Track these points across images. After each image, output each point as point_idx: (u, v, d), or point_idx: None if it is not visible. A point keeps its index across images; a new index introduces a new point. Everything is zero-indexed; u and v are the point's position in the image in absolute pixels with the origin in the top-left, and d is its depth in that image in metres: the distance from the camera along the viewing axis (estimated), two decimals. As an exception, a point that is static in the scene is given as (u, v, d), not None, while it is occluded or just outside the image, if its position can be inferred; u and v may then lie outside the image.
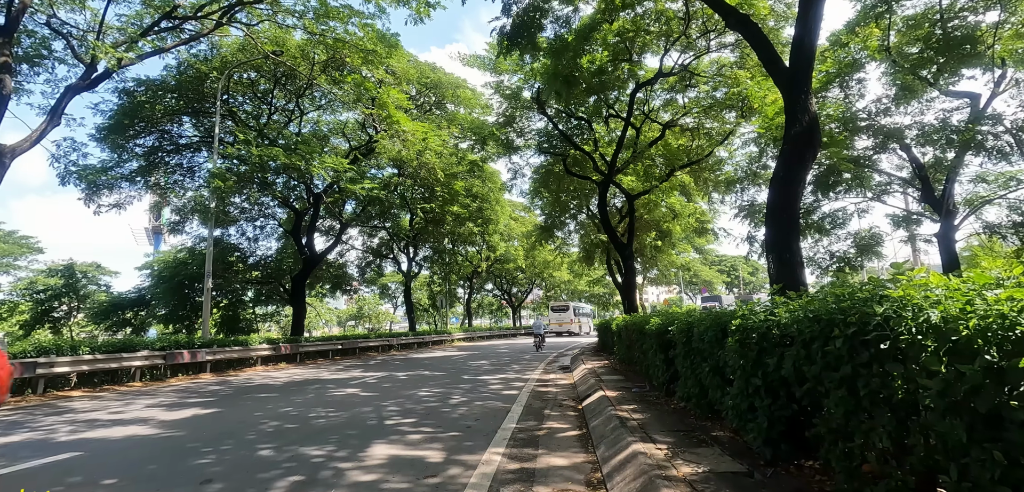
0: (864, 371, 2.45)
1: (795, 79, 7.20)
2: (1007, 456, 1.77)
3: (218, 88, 18.29)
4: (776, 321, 3.42)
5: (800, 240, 7.89)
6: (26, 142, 12.77)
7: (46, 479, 4.46)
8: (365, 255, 35.68)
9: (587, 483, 4.02)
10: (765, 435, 3.56)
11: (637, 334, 9.17)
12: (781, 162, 7.32)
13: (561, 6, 13.13)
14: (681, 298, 54.16)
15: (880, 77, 16.40)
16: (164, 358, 13.85)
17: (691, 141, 18.80)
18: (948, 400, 1.98)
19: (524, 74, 17.86)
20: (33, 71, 15.94)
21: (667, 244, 27.94)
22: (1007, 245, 17.52)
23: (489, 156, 23.82)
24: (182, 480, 4.31)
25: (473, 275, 42.34)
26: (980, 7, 13.31)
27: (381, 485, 4.05)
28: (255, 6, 15.78)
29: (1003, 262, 2.83)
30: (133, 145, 20.57)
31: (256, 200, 23.74)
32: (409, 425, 6.41)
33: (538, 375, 12.12)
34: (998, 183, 16.59)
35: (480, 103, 25.07)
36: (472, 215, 28.18)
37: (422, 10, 14.74)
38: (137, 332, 25.57)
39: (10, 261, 32.60)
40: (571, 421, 6.44)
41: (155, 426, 6.85)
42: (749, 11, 11.62)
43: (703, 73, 16.59)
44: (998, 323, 1.88)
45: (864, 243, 18.98)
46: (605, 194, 18.53)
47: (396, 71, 20.62)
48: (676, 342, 6.00)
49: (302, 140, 20.11)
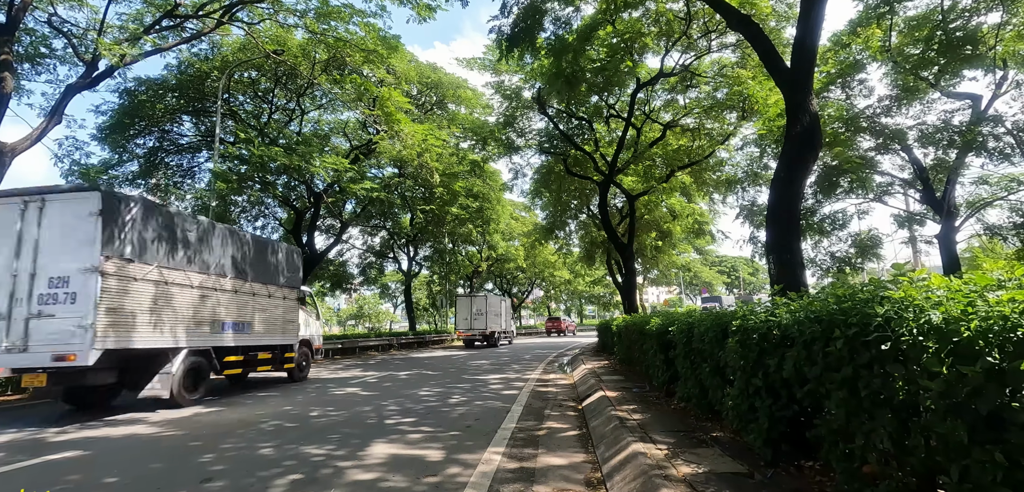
0: (865, 372, 2.44)
1: (796, 79, 7.19)
2: (1008, 458, 1.77)
3: (219, 87, 18.30)
4: (777, 322, 3.42)
5: (801, 241, 7.89)
6: (27, 141, 12.77)
7: (46, 478, 4.46)
8: (365, 254, 35.70)
9: (587, 483, 4.02)
10: (766, 436, 3.55)
11: (637, 334, 9.16)
12: (782, 163, 7.32)
13: (561, 7, 13.12)
14: (681, 299, 54.15)
15: (882, 78, 16.40)
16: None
17: (692, 141, 18.78)
18: (949, 401, 1.97)
19: (525, 74, 17.85)
20: (34, 70, 15.95)
21: (667, 244, 27.92)
22: (1008, 246, 17.50)
23: (490, 156, 23.81)
24: (183, 479, 4.32)
25: (473, 275, 42.28)
26: (982, 8, 13.30)
27: (381, 484, 4.05)
28: (256, 5, 15.77)
29: (1004, 264, 2.83)
30: (134, 145, 20.60)
31: (257, 200, 23.74)
32: (409, 424, 6.41)
33: (538, 375, 12.12)
34: (999, 184, 16.57)
35: (481, 103, 25.06)
36: (472, 216, 28.15)
37: (422, 11, 14.73)
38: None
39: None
40: (571, 421, 6.44)
41: (155, 425, 6.86)
42: (750, 11, 11.61)
43: (704, 73, 16.58)
44: (999, 325, 1.88)
45: (864, 244, 18.96)
46: (606, 194, 18.52)
47: (397, 71, 20.61)
48: (676, 342, 5.99)
49: (303, 139, 20.11)
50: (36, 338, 7.08)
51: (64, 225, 7.30)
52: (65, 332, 7.01)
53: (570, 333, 44.84)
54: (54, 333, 7.04)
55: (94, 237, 7.14)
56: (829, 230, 19.10)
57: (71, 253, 7.18)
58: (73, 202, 7.39)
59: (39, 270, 7.23)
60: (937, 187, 16.33)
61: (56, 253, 7.26)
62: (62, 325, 7.04)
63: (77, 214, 7.29)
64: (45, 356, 7.00)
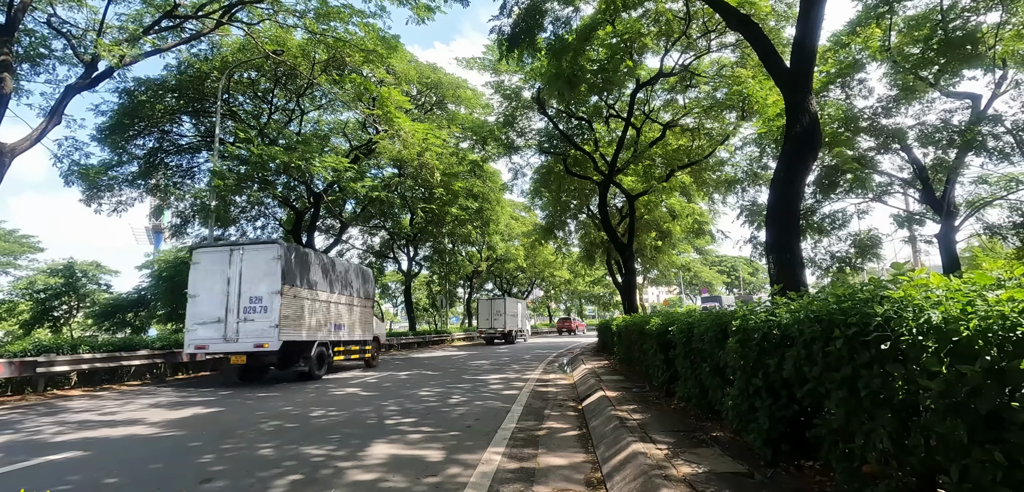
0: (865, 372, 2.44)
1: (796, 79, 7.20)
2: (1008, 457, 1.77)
3: (219, 87, 18.29)
4: (777, 321, 3.42)
5: (800, 241, 7.89)
6: (26, 141, 12.76)
7: (47, 478, 4.46)
8: (365, 254, 35.69)
9: (587, 483, 4.02)
10: (766, 435, 3.55)
11: (637, 334, 9.16)
12: (782, 162, 7.32)
13: (561, 7, 13.13)
14: (681, 298, 54.14)
15: (881, 78, 16.41)
16: (164, 357, 13.85)
17: (691, 141, 18.79)
18: (949, 401, 1.97)
19: (524, 74, 17.86)
20: (33, 71, 15.94)
21: (667, 244, 27.92)
22: (1008, 246, 17.51)
23: (489, 156, 23.83)
24: (183, 479, 4.31)
25: (473, 275, 42.30)
26: (981, 8, 13.30)
27: (381, 484, 4.05)
28: (256, 5, 15.77)
29: (1004, 263, 2.83)
30: (133, 146, 20.59)
31: (256, 199, 23.73)
32: (409, 424, 6.41)
33: (538, 375, 12.12)
34: (999, 184, 16.57)
35: (481, 103, 25.05)
36: (472, 216, 28.15)
37: (422, 11, 14.72)
38: (137, 331, 25.57)
39: (10, 260, 32.60)
40: (571, 421, 6.44)
41: (155, 425, 6.85)
42: (750, 11, 11.61)
43: (704, 73, 16.58)
44: (999, 324, 1.88)
45: (864, 244, 18.96)
46: (605, 194, 18.53)
47: (396, 71, 20.61)
48: (676, 342, 5.99)
49: (302, 139, 20.10)
50: (242, 334, 11.33)
51: (256, 264, 11.49)
52: (261, 330, 11.20)
53: (581, 332, 48.90)
54: (254, 331, 11.26)
55: (276, 272, 11.34)
56: (829, 229, 19.10)
57: (263, 282, 11.37)
58: (263, 250, 11.62)
59: (243, 292, 11.42)
60: (937, 187, 16.33)
61: (253, 282, 11.42)
62: (259, 326, 11.23)
63: (265, 258, 11.48)
64: (248, 345, 11.24)
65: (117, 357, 12.62)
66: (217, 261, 11.71)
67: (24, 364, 10.62)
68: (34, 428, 6.94)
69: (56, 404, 9.35)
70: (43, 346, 11.86)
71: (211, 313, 11.43)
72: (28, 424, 7.26)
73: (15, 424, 7.27)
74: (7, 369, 10.26)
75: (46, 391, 11.08)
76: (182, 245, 28.05)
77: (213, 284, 11.57)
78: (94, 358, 12.03)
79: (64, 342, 13.04)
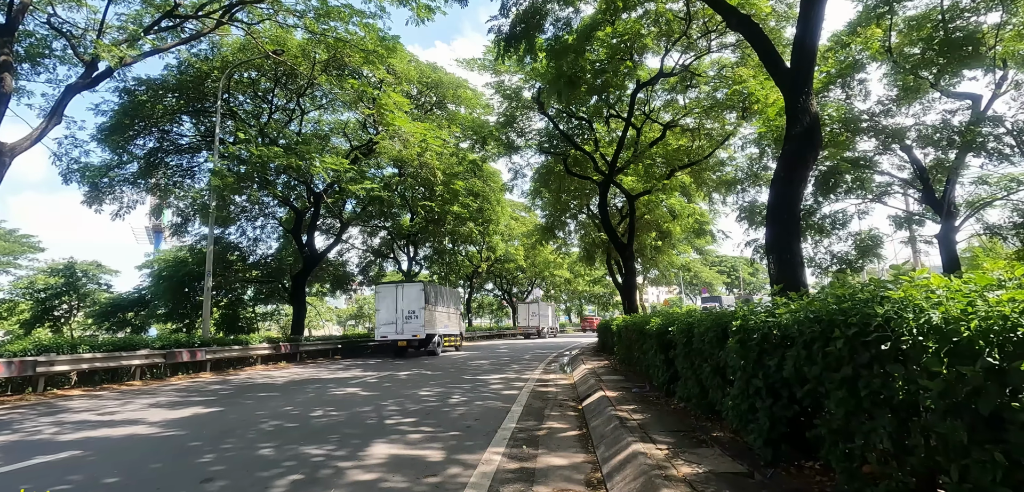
0: (865, 372, 2.44)
1: (796, 79, 7.19)
2: (1008, 458, 1.77)
3: (219, 87, 18.29)
4: (777, 322, 3.42)
5: (801, 241, 7.88)
6: (27, 141, 12.77)
7: (47, 478, 4.46)
8: (365, 254, 35.69)
9: (587, 483, 4.02)
10: (766, 436, 3.55)
11: (637, 334, 9.16)
12: (782, 162, 7.31)
13: (561, 7, 13.11)
14: (681, 299, 54.14)
15: (881, 78, 16.40)
16: (164, 357, 13.86)
17: (692, 141, 18.78)
18: (949, 401, 1.97)
19: (525, 74, 17.84)
20: (34, 70, 15.95)
21: (667, 244, 27.90)
22: (1008, 246, 17.50)
23: (489, 156, 23.80)
24: (183, 479, 4.32)
25: (473, 275, 42.33)
26: (982, 8, 13.30)
27: (381, 484, 4.05)
28: (256, 5, 15.77)
29: (1004, 263, 2.83)
30: (133, 146, 20.59)
31: (256, 199, 23.74)
32: (409, 424, 6.41)
33: (538, 375, 12.12)
34: (999, 184, 16.56)
35: (481, 103, 25.05)
36: (472, 215, 28.16)
37: (421, 12, 14.72)
38: (137, 331, 25.58)
39: (11, 260, 32.60)
40: (571, 421, 6.44)
41: (155, 425, 6.86)
42: (750, 11, 11.60)
43: (704, 74, 16.57)
44: (999, 324, 1.88)
45: (864, 244, 18.96)
46: (606, 194, 18.52)
47: (397, 71, 20.61)
48: (676, 342, 5.99)
49: (302, 139, 20.10)
50: (405, 330, 20.39)
51: (411, 293, 20.88)
52: (415, 328, 20.32)
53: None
54: (410, 328, 20.36)
55: (421, 298, 20.55)
56: (829, 230, 19.10)
57: (416, 302, 20.54)
58: (415, 285, 21.31)
59: (404, 307, 20.56)
60: (937, 187, 16.32)
61: (410, 302, 20.61)
62: (413, 326, 20.33)
63: (416, 290, 20.90)
64: (408, 336, 20.26)
65: (118, 357, 12.63)
66: (390, 290, 21.22)
67: (24, 364, 10.62)
68: (34, 428, 6.94)
69: (56, 404, 9.35)
70: (43, 346, 11.86)
71: (388, 319, 20.59)
72: (28, 424, 7.26)
73: (15, 424, 7.28)
74: (7, 369, 10.27)
75: (46, 391, 11.09)
76: (182, 244, 28.08)
77: (388, 303, 20.78)
78: (94, 358, 12.04)
79: (64, 342, 13.05)
